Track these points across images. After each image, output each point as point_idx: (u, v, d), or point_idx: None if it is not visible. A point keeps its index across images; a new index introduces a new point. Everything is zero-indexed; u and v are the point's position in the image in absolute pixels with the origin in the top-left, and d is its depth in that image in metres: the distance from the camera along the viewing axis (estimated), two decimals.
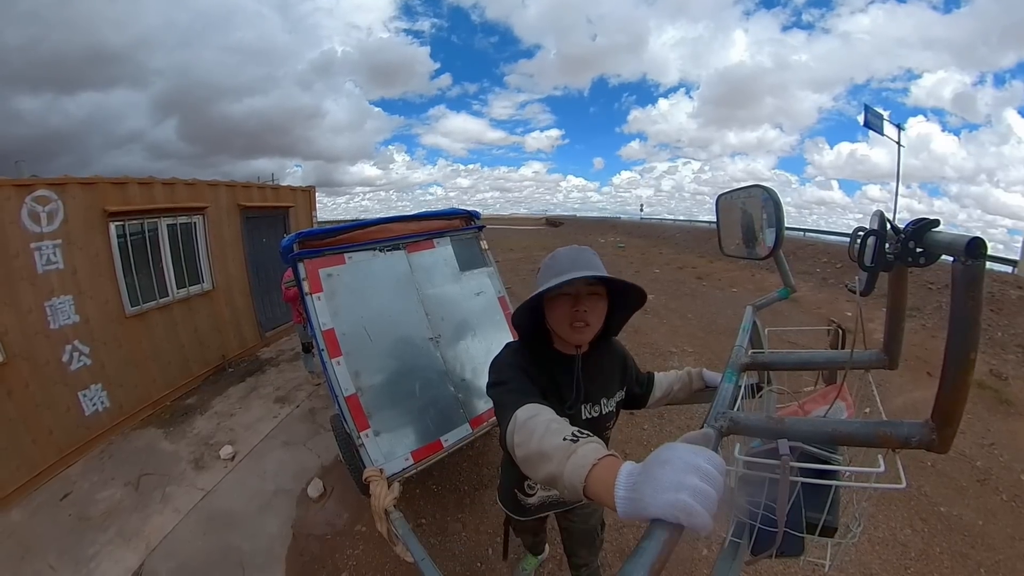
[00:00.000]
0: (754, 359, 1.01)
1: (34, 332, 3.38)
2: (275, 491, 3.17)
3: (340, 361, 2.25)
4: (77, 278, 3.72)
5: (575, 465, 0.60)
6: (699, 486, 0.44)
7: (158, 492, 3.16)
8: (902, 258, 0.62)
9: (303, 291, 2.29)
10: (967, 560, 2.30)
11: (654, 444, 3.36)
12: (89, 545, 2.70)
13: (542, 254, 4.94)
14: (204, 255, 5.10)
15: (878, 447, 0.61)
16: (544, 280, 1.05)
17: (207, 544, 2.72)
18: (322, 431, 3.85)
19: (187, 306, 4.84)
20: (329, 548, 2.67)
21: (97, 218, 3.93)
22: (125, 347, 4.08)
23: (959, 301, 0.50)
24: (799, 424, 0.65)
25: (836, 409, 0.86)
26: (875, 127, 13.79)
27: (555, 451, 0.66)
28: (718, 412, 0.72)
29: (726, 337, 5.86)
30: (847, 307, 7.31)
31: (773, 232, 1.03)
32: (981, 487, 2.86)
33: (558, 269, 1.05)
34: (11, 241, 3.29)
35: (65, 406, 3.55)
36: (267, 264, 6.07)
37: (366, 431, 2.21)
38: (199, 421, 4.10)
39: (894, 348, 0.89)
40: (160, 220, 4.59)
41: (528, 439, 0.75)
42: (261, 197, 6.03)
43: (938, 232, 0.58)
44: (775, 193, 1.02)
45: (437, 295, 2.67)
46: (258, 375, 5.06)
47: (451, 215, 3.01)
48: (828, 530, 0.70)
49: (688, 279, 10.48)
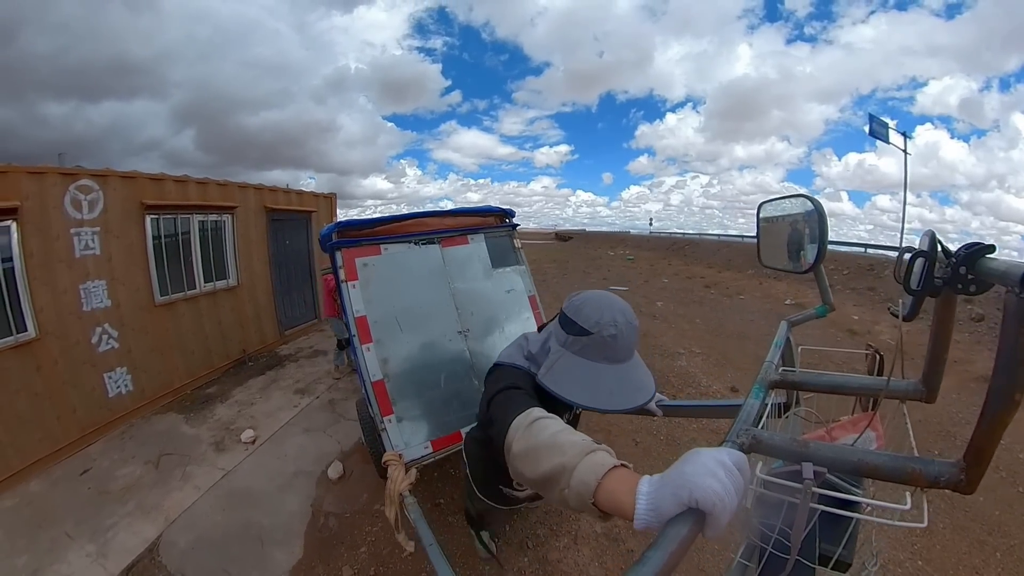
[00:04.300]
0: (784, 377, 0.96)
1: (67, 312, 3.48)
2: (295, 472, 3.13)
3: (370, 348, 2.29)
4: (111, 265, 3.84)
5: (593, 463, 0.58)
6: (724, 479, 0.44)
7: (178, 471, 3.14)
8: (951, 284, 0.58)
9: (339, 278, 2.35)
10: (984, 546, 2.33)
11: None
12: (107, 517, 2.68)
13: (551, 266, 5.08)
14: (231, 252, 5.24)
15: (905, 484, 0.57)
16: (590, 354, 0.96)
17: (226, 519, 2.68)
18: (342, 420, 3.83)
19: (213, 299, 4.94)
20: (348, 525, 2.64)
21: (134, 210, 4.09)
22: (152, 334, 4.15)
23: (1010, 336, 0.45)
24: (824, 450, 0.62)
25: (865, 439, 0.82)
26: (881, 136, 13.69)
27: (571, 446, 0.63)
28: (741, 428, 0.68)
29: (734, 340, 5.92)
30: (852, 311, 7.41)
31: (815, 247, 0.98)
32: (999, 481, 2.86)
33: (608, 354, 0.96)
34: (53, 225, 3.43)
35: (90, 386, 3.60)
36: (289, 264, 6.20)
37: (389, 416, 2.24)
38: (220, 408, 4.11)
39: (934, 379, 0.83)
40: (192, 216, 4.75)
41: (541, 431, 0.72)
42: (286, 201, 6.21)
43: (993, 259, 0.54)
44: (820, 204, 0.96)
45: (468, 290, 2.69)
46: (278, 369, 5.08)
47: (486, 212, 3.04)
48: (842, 564, 0.67)
49: (696, 287, 10.55)
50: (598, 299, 1.00)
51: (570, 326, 0.99)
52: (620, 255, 19.88)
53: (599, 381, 0.94)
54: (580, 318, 0.97)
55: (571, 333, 0.98)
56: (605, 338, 0.94)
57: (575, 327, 0.98)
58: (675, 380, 4.50)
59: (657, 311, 7.83)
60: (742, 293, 9.48)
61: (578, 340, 0.97)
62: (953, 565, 2.20)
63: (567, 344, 0.99)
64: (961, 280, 0.57)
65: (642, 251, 21.01)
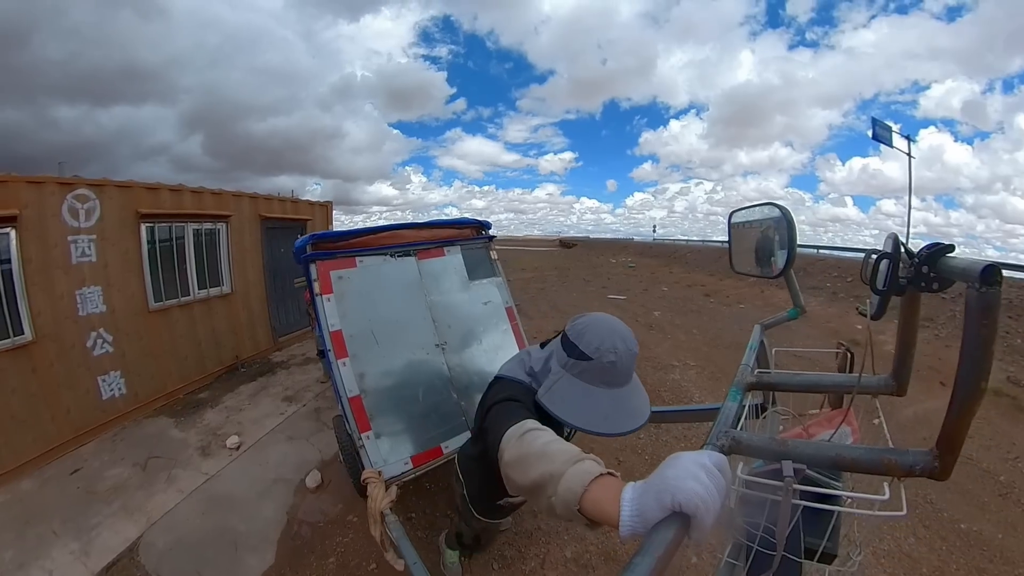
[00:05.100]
0: (760, 378, 0.99)
1: (63, 316, 3.61)
2: (275, 479, 3.22)
3: (346, 362, 2.26)
4: (107, 271, 3.98)
5: (581, 471, 0.60)
6: (706, 481, 0.45)
7: (164, 474, 3.25)
8: (915, 283, 0.61)
9: (313, 292, 2.32)
10: (984, 574, 2.22)
11: (650, 454, 3.32)
12: (93, 516, 2.79)
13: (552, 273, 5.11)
14: (225, 260, 5.37)
15: (882, 475, 0.60)
16: (591, 379, 1.00)
17: (205, 523, 2.78)
18: (325, 428, 3.91)
19: (206, 306, 5.07)
20: (320, 535, 2.70)
21: (130, 218, 4.23)
22: (146, 339, 4.28)
23: (972, 329, 0.48)
24: (803, 447, 0.64)
25: (841, 434, 0.84)
26: (884, 139, 13.60)
27: (560, 454, 0.66)
28: (720, 431, 0.71)
29: (731, 351, 5.80)
30: (857, 320, 7.18)
31: (785, 252, 1.02)
32: (1003, 501, 2.76)
33: (608, 379, 1.00)
34: (51, 232, 3.57)
35: (84, 388, 3.73)
36: (283, 272, 6.31)
37: (367, 433, 2.21)
38: (209, 413, 4.22)
39: (903, 374, 0.87)
40: (187, 225, 4.89)
41: (532, 441, 0.75)
42: (281, 209, 6.35)
43: (953, 257, 0.57)
44: (788, 211, 1.00)
45: (445, 303, 2.68)
46: (269, 376, 5.19)
47: (462, 224, 3.01)
48: (827, 556, 0.68)
49: (696, 296, 10.43)
50: (600, 324, 1.04)
51: (571, 349, 1.03)
52: (622, 262, 19.87)
53: (596, 405, 0.98)
54: (582, 343, 1.01)
55: (572, 356, 1.03)
56: (604, 364, 0.98)
57: (576, 351, 1.02)
58: (667, 395, 4.45)
59: (654, 321, 7.74)
60: (742, 302, 9.38)
61: (578, 364, 1.01)
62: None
63: (568, 367, 1.03)
64: (924, 279, 0.61)
65: (644, 258, 20.98)
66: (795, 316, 1.21)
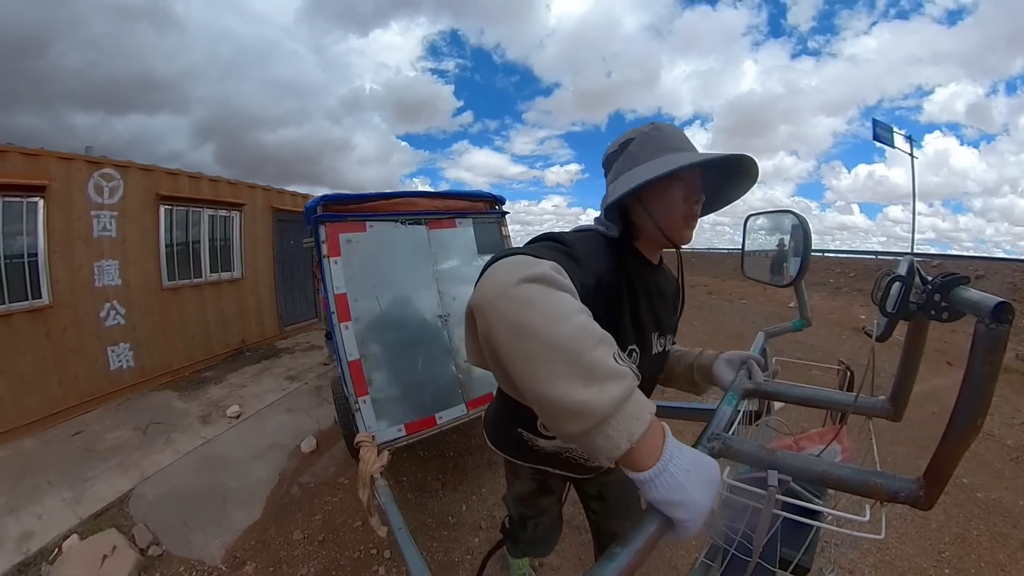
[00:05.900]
0: (758, 386, 0.99)
1: (80, 286, 3.76)
2: (271, 444, 3.24)
3: (348, 326, 2.27)
4: (125, 247, 4.15)
5: (638, 408, 0.44)
6: (710, 497, 0.45)
7: (163, 437, 3.29)
8: (925, 310, 0.60)
9: (321, 253, 2.28)
10: (1008, 539, 2.16)
11: None
12: (89, 470, 2.83)
13: None
14: (237, 247, 5.55)
15: (866, 497, 0.59)
16: (649, 154, 0.79)
17: (197, 479, 2.80)
18: (325, 403, 3.92)
19: (217, 289, 5.21)
20: (309, 494, 2.70)
21: (150, 199, 4.43)
22: (157, 315, 4.41)
23: (976, 363, 0.47)
24: (792, 459, 0.63)
25: (831, 451, 0.84)
26: (885, 140, 13.52)
27: (600, 367, 0.43)
28: (713, 433, 0.72)
29: (732, 341, 5.80)
30: (860, 311, 7.45)
31: (798, 261, 1.01)
32: (1016, 466, 2.70)
33: (671, 144, 0.80)
34: (76, 206, 3.77)
35: (94, 357, 3.84)
36: (293, 264, 6.47)
37: (364, 397, 2.22)
38: (213, 388, 4.28)
39: (901, 399, 0.85)
40: (203, 210, 5.10)
41: (558, 303, 0.45)
42: (292, 202, 6.54)
43: (966, 289, 0.57)
44: (806, 221, 1.00)
45: (452, 275, 2.66)
46: (273, 359, 5.25)
47: (476, 196, 2.96)
48: (801, 569, 0.69)
49: (699, 294, 10.51)
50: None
51: (612, 156, 0.86)
52: None
53: (674, 152, 0.79)
54: (614, 144, 0.86)
55: (617, 158, 0.84)
56: (650, 134, 0.81)
57: (616, 151, 0.85)
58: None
59: None
60: (744, 298, 9.46)
61: (628, 156, 0.81)
62: None
63: (622, 169, 0.82)
64: (935, 307, 0.59)
65: None
66: (800, 327, 1.19)
